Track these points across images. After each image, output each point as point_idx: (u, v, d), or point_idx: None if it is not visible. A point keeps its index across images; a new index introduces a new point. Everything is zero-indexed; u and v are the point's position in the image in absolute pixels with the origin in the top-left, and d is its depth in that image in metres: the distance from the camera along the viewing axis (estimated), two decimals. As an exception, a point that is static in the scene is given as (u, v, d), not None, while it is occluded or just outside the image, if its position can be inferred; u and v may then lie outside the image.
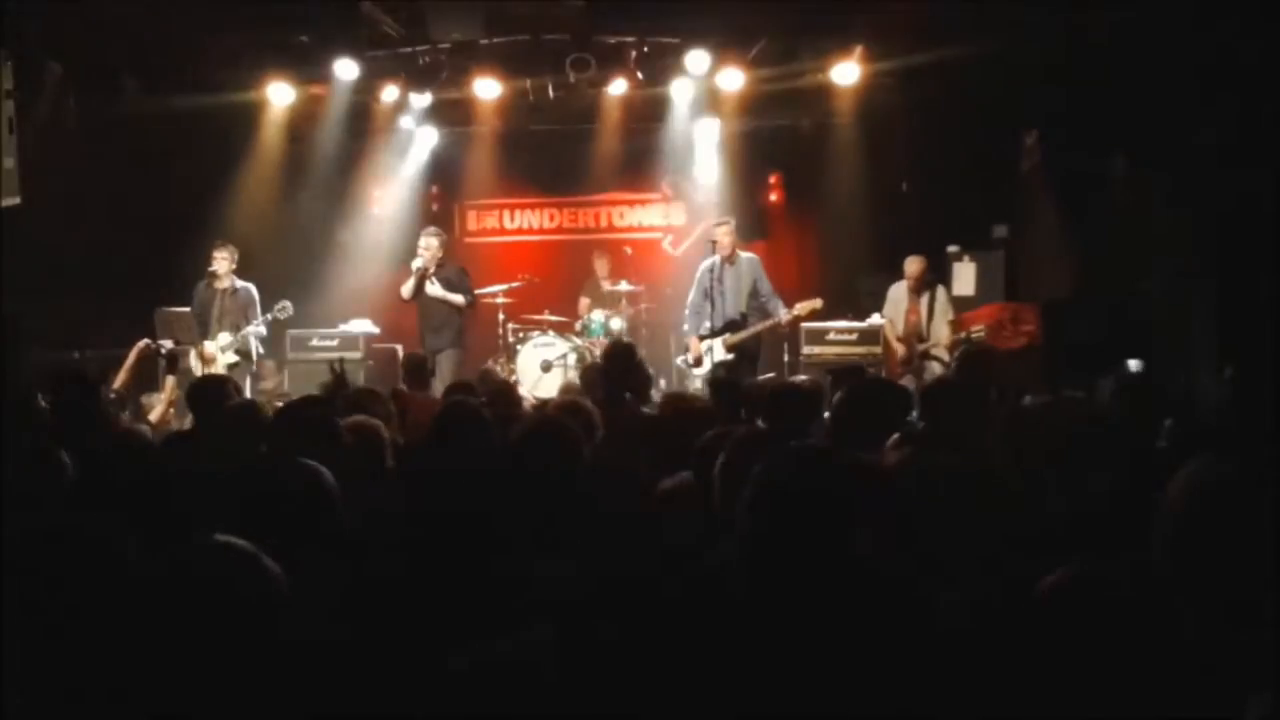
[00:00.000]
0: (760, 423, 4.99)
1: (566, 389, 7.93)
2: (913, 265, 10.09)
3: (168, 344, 8.97)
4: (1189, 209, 7.47)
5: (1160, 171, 8.70)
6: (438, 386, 8.55)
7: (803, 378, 8.20)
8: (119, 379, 7.86)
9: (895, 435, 4.32)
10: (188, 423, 7.21)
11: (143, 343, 8.62)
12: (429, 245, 10.16)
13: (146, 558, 2.09)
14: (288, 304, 9.93)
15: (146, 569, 2.02)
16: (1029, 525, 2.90)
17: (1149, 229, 9.56)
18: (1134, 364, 6.99)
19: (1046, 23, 9.12)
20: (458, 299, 10.07)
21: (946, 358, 9.64)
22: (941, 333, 9.87)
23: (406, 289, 10.18)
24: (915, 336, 9.99)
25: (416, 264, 10.11)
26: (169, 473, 3.43)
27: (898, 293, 10.22)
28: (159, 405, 8.35)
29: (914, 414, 5.05)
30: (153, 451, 4.08)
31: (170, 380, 8.76)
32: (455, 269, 10.37)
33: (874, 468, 2.90)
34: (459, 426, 4.14)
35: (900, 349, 10.02)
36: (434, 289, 10.05)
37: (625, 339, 10.00)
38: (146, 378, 9.15)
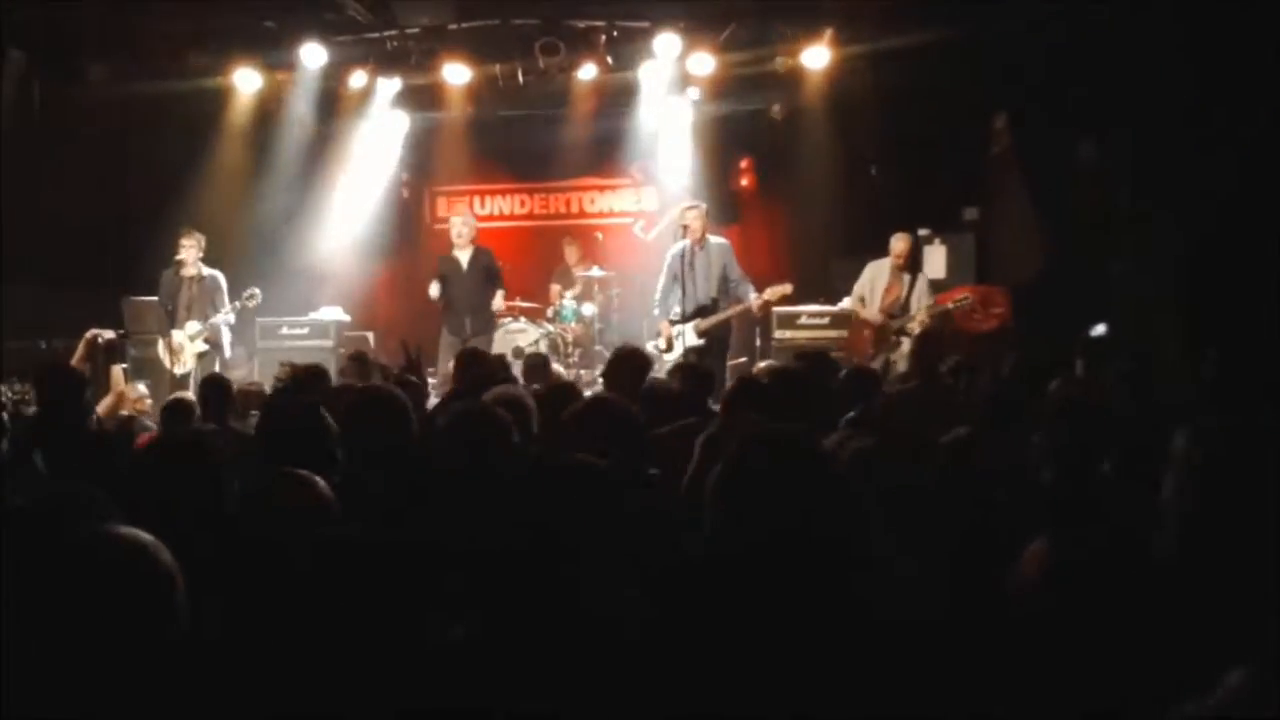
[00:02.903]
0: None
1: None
2: (900, 243, 9.91)
3: (109, 334, 8.82)
4: (1155, 192, 7.50)
5: (1128, 156, 8.76)
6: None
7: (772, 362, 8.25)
8: None
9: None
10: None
11: (90, 333, 8.49)
12: (469, 224, 10.25)
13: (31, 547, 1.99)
14: (256, 291, 9.84)
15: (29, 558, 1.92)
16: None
17: (1117, 212, 9.62)
18: (1099, 329, 7.02)
19: (1015, 6, 9.14)
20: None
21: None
22: (918, 311, 9.70)
23: (434, 290, 9.99)
24: (892, 312, 9.84)
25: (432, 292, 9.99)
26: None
27: (877, 269, 9.97)
28: (107, 397, 8.22)
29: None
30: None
31: (115, 370, 8.65)
32: (485, 253, 10.27)
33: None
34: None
35: (875, 322, 9.83)
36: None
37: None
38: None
